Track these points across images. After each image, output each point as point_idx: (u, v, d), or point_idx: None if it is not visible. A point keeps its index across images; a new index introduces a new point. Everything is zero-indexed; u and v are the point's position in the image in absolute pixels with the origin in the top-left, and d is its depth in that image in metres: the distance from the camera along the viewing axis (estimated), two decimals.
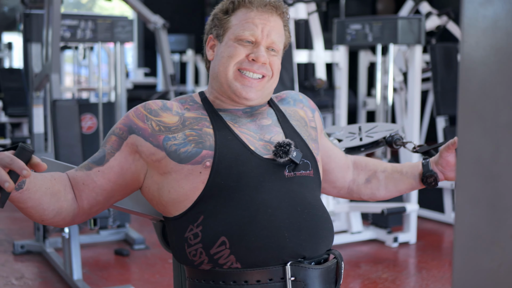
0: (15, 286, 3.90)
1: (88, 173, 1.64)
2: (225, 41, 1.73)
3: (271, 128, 1.74)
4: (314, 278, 1.60)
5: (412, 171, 1.93)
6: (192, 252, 1.61)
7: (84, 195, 1.64)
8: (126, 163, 1.65)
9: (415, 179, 1.93)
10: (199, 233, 1.60)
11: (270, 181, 1.62)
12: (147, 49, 10.02)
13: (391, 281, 4.02)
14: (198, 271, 1.63)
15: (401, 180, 1.94)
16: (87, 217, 1.68)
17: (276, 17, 1.74)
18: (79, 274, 3.80)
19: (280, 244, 1.58)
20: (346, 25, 4.98)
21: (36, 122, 4.51)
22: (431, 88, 5.78)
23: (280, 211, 1.60)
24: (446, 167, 1.89)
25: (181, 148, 1.62)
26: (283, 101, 1.86)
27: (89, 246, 4.63)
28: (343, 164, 1.95)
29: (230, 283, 1.59)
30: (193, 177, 1.60)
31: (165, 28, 5.21)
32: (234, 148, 1.64)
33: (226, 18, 1.74)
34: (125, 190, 1.68)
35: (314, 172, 1.72)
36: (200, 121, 1.69)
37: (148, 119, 1.67)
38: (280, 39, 1.74)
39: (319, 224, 1.65)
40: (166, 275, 4.08)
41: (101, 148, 1.68)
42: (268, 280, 1.58)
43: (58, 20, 3.97)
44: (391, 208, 4.49)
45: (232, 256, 1.58)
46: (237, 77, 1.70)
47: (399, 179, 1.94)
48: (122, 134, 1.67)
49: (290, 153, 1.63)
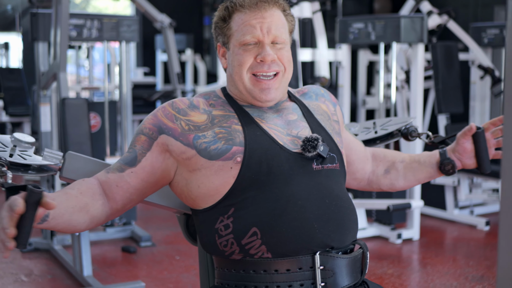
0: (25, 283, 3.93)
1: (121, 175, 1.70)
2: (231, 49, 1.76)
3: (297, 123, 1.78)
4: (342, 267, 1.66)
5: (429, 160, 1.97)
6: (223, 242, 1.66)
7: (118, 197, 1.69)
8: (157, 162, 1.70)
9: (433, 168, 1.97)
10: (230, 224, 1.65)
11: (299, 174, 1.67)
12: (146, 49, 10.05)
13: (397, 276, 4.08)
14: (229, 261, 1.68)
15: (419, 170, 1.98)
16: (119, 214, 1.74)
17: (272, 10, 1.74)
18: (89, 271, 3.83)
19: (309, 234, 1.63)
20: (349, 24, 5.03)
21: (43, 120, 4.54)
22: (432, 86, 5.84)
23: (309, 203, 1.65)
24: (463, 153, 1.93)
25: (211, 145, 1.67)
26: (305, 95, 1.90)
27: (95, 244, 4.66)
28: (363, 155, 2.00)
29: (260, 272, 1.64)
30: (224, 173, 1.65)
31: (172, 27, 5.26)
32: (263, 143, 1.68)
33: (225, 25, 1.76)
34: (156, 186, 1.74)
35: (340, 165, 1.76)
36: (229, 119, 1.73)
37: (177, 119, 1.71)
38: (282, 30, 1.74)
39: (345, 216, 1.70)
40: (174, 272, 4.12)
41: (131, 148, 1.72)
42: (297, 269, 1.63)
43: (66, 19, 4.00)
44: (397, 204, 4.54)
45: (263, 246, 1.62)
46: (253, 82, 1.73)
47: (418, 169, 1.98)
48: (152, 134, 1.71)
49: (318, 148, 1.68)
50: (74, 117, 3.88)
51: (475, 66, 6.00)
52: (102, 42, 4.93)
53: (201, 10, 11.11)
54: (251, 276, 1.65)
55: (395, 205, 4.53)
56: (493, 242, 4.82)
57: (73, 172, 1.83)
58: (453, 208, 5.42)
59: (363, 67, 7.40)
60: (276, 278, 1.63)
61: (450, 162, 1.93)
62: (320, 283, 1.63)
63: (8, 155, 1.75)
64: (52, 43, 4.21)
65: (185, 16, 10.32)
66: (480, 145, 1.92)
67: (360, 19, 5.00)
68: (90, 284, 3.73)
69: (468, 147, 1.92)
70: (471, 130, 1.89)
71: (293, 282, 1.63)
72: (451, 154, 1.95)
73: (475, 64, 6.01)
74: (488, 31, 6.10)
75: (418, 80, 4.80)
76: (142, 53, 10.16)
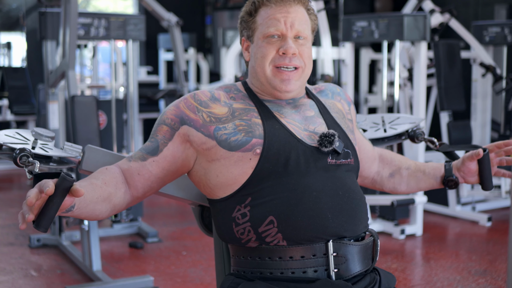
0: (35, 278, 4.00)
1: (143, 163, 1.76)
2: (255, 42, 1.83)
3: (315, 119, 1.85)
4: (354, 253, 1.73)
5: (434, 172, 2.08)
6: (240, 230, 1.73)
7: (139, 184, 1.76)
8: (178, 151, 1.77)
9: (436, 180, 2.09)
10: (247, 213, 1.71)
11: (314, 167, 1.75)
12: (148, 48, 10.11)
13: (401, 271, 4.14)
14: (245, 248, 1.74)
15: (422, 180, 2.09)
16: (139, 201, 1.81)
17: (296, 6, 1.82)
18: (98, 265, 3.89)
19: (324, 224, 1.70)
20: (352, 22, 5.10)
21: (51, 118, 4.60)
22: (434, 84, 5.90)
23: (323, 194, 1.72)
24: (467, 174, 2.06)
25: (232, 137, 1.74)
26: (321, 93, 1.97)
27: (103, 240, 4.71)
28: (371, 155, 2.08)
29: (276, 259, 1.70)
30: (243, 163, 1.72)
31: (179, 25, 5.32)
32: (281, 136, 1.75)
33: (251, 19, 1.84)
34: (176, 175, 1.81)
35: (354, 161, 1.84)
36: (249, 112, 1.80)
37: (199, 111, 1.78)
38: (305, 26, 1.82)
39: (357, 207, 1.78)
40: (181, 266, 4.18)
41: (153, 138, 1.79)
42: (311, 255, 1.70)
43: (75, 18, 4.06)
44: (400, 200, 4.61)
45: (279, 234, 1.69)
46: (275, 73, 1.80)
47: (421, 178, 2.09)
48: (174, 124, 1.77)
49: (334, 143, 1.75)
50: (83, 115, 3.94)
51: (477, 64, 6.06)
52: (109, 40, 4.99)
53: (203, 9, 11.18)
54: (267, 262, 1.71)
55: (399, 201, 4.60)
56: (495, 238, 4.89)
57: (92, 164, 1.89)
58: (455, 205, 5.48)
59: (365, 65, 7.46)
60: (291, 265, 1.70)
61: (453, 180, 2.05)
62: (333, 269, 1.70)
63: (30, 147, 1.81)
64: (60, 42, 4.27)
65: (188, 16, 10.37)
66: (484, 167, 2.05)
67: (364, 17, 5.07)
68: (100, 279, 3.79)
69: (473, 168, 2.05)
70: (478, 156, 2.01)
71: (307, 269, 1.70)
72: (455, 171, 2.07)
73: (477, 62, 6.07)
74: (489, 29, 6.16)
75: (421, 78, 4.87)
76: (145, 52, 10.22)
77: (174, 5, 9.18)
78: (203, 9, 11.15)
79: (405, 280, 4.00)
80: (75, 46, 4.14)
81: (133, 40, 4.94)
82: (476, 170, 2.05)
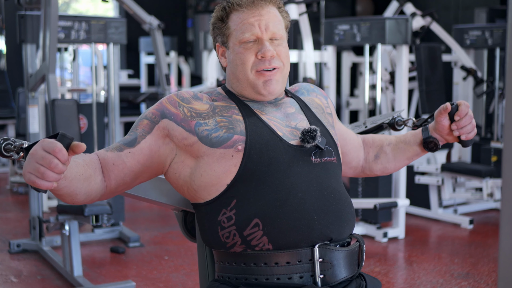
0: (15, 284, 3.95)
1: (119, 154, 1.73)
2: (231, 48, 1.82)
3: (296, 115, 1.84)
4: (340, 259, 1.71)
5: (414, 139, 2.04)
6: (226, 234, 1.71)
7: (112, 175, 1.72)
8: (155, 145, 1.74)
9: (418, 146, 2.03)
10: (233, 216, 1.70)
11: (298, 166, 1.73)
12: (130, 51, 10.06)
13: (384, 274, 4.14)
14: (229, 254, 1.72)
15: (406, 149, 2.05)
16: (112, 196, 1.77)
17: (268, 7, 1.81)
18: (79, 271, 3.85)
19: (309, 226, 1.68)
20: (334, 25, 5.10)
21: (31, 122, 4.55)
22: (416, 87, 5.92)
23: (309, 195, 1.71)
24: (442, 131, 1.97)
25: (213, 133, 1.72)
26: (297, 92, 1.97)
27: (84, 245, 4.67)
28: (357, 144, 2.07)
29: (261, 265, 1.69)
30: (225, 161, 1.70)
31: (160, 28, 5.29)
32: (263, 134, 1.74)
33: (224, 25, 1.83)
34: (150, 172, 1.77)
35: (337, 159, 1.83)
36: (230, 109, 1.79)
37: (180, 105, 1.77)
38: (279, 26, 1.82)
39: (343, 208, 1.76)
40: (163, 271, 4.15)
41: (133, 132, 1.77)
42: (297, 261, 1.68)
43: (55, 21, 4.02)
44: (383, 203, 4.61)
45: (264, 237, 1.67)
46: (258, 76, 1.79)
47: (405, 148, 2.05)
48: (155, 118, 1.76)
49: (316, 139, 1.74)
50: (64, 118, 3.91)
51: (458, 67, 6.09)
52: (89, 44, 4.95)
53: (185, 12, 11.15)
54: (252, 268, 1.69)
55: (381, 204, 4.60)
56: (477, 240, 4.90)
57: None
58: (437, 207, 5.49)
59: (346, 68, 7.48)
60: (276, 271, 1.68)
61: (432, 140, 1.99)
62: (319, 275, 1.68)
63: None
64: (40, 45, 4.22)
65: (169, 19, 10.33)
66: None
67: (346, 20, 5.07)
68: (81, 284, 3.75)
69: (445, 123, 1.95)
70: (446, 110, 1.93)
71: (293, 275, 1.68)
72: (433, 132, 2.00)
73: (458, 65, 6.10)
74: (470, 32, 6.20)
75: (402, 81, 4.88)
76: (126, 55, 10.17)
77: (156, 8, 9.15)
78: (184, 12, 11.12)
79: (388, 283, 3.99)
80: (56, 49, 4.10)
81: (114, 43, 4.91)
82: (449, 125, 1.96)
